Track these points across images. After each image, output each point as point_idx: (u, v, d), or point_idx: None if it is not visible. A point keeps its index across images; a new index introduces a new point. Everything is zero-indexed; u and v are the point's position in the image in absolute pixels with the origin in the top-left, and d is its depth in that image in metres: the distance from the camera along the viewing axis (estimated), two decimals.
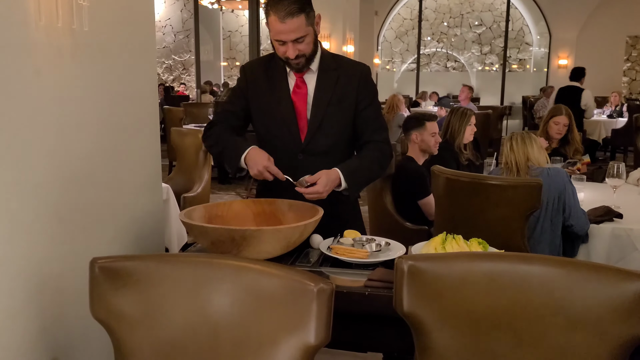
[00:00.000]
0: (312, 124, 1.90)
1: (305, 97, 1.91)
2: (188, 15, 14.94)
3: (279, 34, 1.75)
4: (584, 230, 2.59)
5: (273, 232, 1.52)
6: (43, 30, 1.36)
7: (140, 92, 1.85)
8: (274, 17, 1.72)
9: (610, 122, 8.53)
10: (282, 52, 1.80)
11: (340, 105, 1.90)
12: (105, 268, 1.24)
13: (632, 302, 1.13)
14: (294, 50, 1.78)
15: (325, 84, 1.90)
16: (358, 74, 1.93)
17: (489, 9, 14.59)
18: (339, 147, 1.95)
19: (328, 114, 1.89)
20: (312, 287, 1.13)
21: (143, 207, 1.89)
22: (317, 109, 1.89)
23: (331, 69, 1.91)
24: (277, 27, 1.74)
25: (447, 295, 1.24)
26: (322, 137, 1.90)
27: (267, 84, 1.93)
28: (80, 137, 1.54)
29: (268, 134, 1.96)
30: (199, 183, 3.95)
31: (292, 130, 1.90)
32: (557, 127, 3.74)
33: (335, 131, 1.92)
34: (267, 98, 1.93)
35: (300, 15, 1.72)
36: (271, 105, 1.92)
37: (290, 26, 1.72)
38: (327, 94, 1.89)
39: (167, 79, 15.41)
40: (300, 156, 1.91)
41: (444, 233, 1.67)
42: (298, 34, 1.75)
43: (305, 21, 1.75)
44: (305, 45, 1.79)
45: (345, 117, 1.92)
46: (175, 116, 7.40)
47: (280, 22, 1.72)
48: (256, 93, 1.95)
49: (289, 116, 1.90)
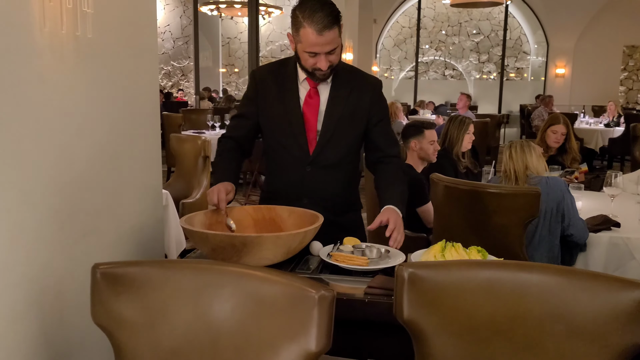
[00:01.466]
0: (323, 136, 1.87)
1: (317, 108, 1.88)
2: (187, 22, 14.99)
3: (313, 46, 1.72)
4: (583, 239, 2.60)
5: (273, 238, 1.52)
6: (47, 37, 1.37)
7: (142, 99, 1.85)
8: (309, 30, 1.69)
9: (607, 131, 8.57)
10: (312, 64, 1.77)
11: (352, 119, 1.88)
12: (107, 274, 1.24)
13: (630, 310, 1.13)
14: (326, 62, 1.75)
15: (339, 96, 1.87)
16: (371, 88, 1.92)
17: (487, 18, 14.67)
18: (347, 160, 1.94)
19: (339, 127, 1.87)
20: (313, 294, 1.13)
21: (144, 213, 1.90)
22: (329, 121, 1.87)
23: (345, 80, 1.89)
24: (312, 40, 1.70)
25: (447, 303, 1.24)
26: (331, 150, 1.88)
27: (277, 93, 1.90)
28: (82, 143, 1.54)
29: (276, 144, 1.94)
30: (197, 189, 3.96)
31: (301, 142, 1.88)
32: (555, 135, 3.75)
33: (345, 144, 1.90)
34: (277, 107, 1.90)
35: (335, 28, 1.71)
36: (280, 115, 1.89)
37: (327, 38, 1.70)
38: (340, 107, 1.87)
39: (165, 85, 15.44)
40: (308, 168, 1.89)
41: (443, 241, 1.68)
42: (333, 45, 1.73)
43: (338, 32, 1.73)
44: (335, 57, 1.78)
45: (355, 130, 1.91)
46: (174, 122, 7.40)
47: (318, 35, 1.69)
48: (265, 101, 1.92)
49: (298, 127, 1.87)
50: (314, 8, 1.68)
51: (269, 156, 2.00)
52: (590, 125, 9.14)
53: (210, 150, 4.05)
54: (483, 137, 6.78)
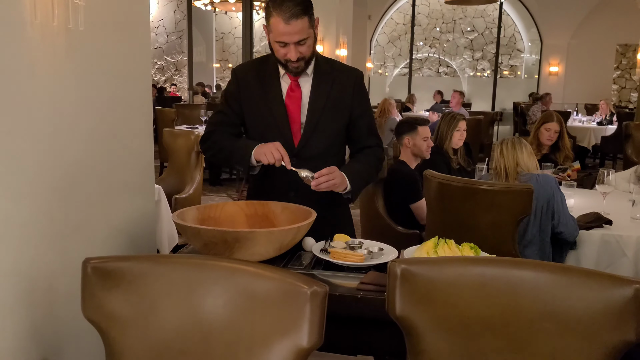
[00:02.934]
0: (307, 128, 1.89)
1: (299, 101, 1.90)
2: (181, 17, 14.91)
3: (281, 36, 1.74)
4: (573, 237, 2.61)
5: (266, 234, 1.51)
6: (38, 29, 1.35)
7: (134, 93, 1.84)
8: (277, 19, 1.71)
9: (599, 129, 8.61)
10: (283, 55, 1.79)
11: (335, 110, 1.91)
12: (98, 268, 1.23)
13: (622, 307, 1.14)
14: (296, 53, 1.77)
15: (321, 88, 1.90)
16: (353, 79, 1.94)
17: (481, 16, 14.68)
18: (332, 151, 1.95)
19: (323, 119, 1.89)
20: (305, 290, 1.13)
21: (136, 207, 1.89)
22: (312, 113, 1.89)
23: (326, 73, 1.91)
24: (280, 29, 1.72)
25: (439, 299, 1.24)
26: (315, 142, 1.90)
27: (259, 88, 1.92)
28: (74, 137, 1.53)
29: (261, 139, 1.92)
30: (190, 184, 3.95)
31: (285, 135, 1.89)
32: (548, 133, 3.76)
33: (329, 135, 1.92)
34: (259, 102, 1.91)
35: (304, 17, 1.72)
36: (263, 109, 1.91)
37: (294, 28, 1.72)
38: (322, 99, 1.89)
39: (159, 80, 15.36)
40: (293, 160, 1.89)
41: (436, 237, 1.68)
42: (301, 36, 1.74)
43: (308, 23, 1.75)
44: (306, 48, 1.79)
45: (338, 121, 1.93)
46: (167, 117, 7.37)
47: (285, 24, 1.71)
48: (248, 97, 1.94)
49: (282, 120, 1.89)
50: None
51: None
52: (583, 123, 9.19)
53: None
54: (476, 134, 6.80)
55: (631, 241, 2.57)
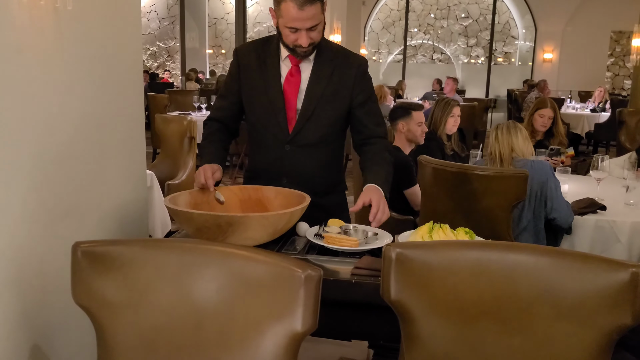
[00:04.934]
0: (302, 115, 1.85)
1: (298, 87, 1.85)
2: (173, 2, 14.74)
3: (294, 21, 1.69)
4: (567, 223, 2.61)
5: (259, 218, 1.50)
6: (25, 8, 1.32)
7: (125, 76, 1.81)
8: (290, 4, 1.66)
9: (593, 117, 8.62)
10: (293, 40, 1.74)
11: (334, 98, 1.86)
12: (88, 252, 1.21)
13: (618, 291, 1.13)
14: (307, 39, 1.73)
15: (321, 74, 1.85)
16: (356, 67, 1.88)
17: (476, 2, 14.61)
18: (327, 140, 1.91)
19: (319, 106, 1.85)
20: (299, 274, 1.11)
21: (127, 193, 1.86)
22: (309, 100, 1.84)
23: (328, 59, 1.86)
24: (293, 14, 1.68)
25: (434, 284, 1.23)
26: (310, 130, 1.86)
27: (258, 69, 1.88)
28: (63, 121, 1.50)
29: (257, 122, 1.92)
30: (183, 170, 3.92)
31: (280, 120, 1.86)
32: (542, 119, 3.76)
33: (325, 124, 1.87)
34: (258, 83, 1.88)
35: (317, 3, 1.68)
36: (261, 92, 1.87)
37: (307, 14, 1.67)
38: (321, 86, 1.84)
39: (151, 66, 15.22)
40: (287, 147, 1.87)
41: (431, 222, 1.67)
42: (313, 22, 1.70)
43: (320, 8, 1.70)
44: (317, 34, 1.75)
45: (337, 110, 1.88)
46: (160, 103, 7.31)
47: (298, 9, 1.66)
48: (247, 78, 1.90)
49: (278, 105, 1.85)
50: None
51: (251, 135, 1.98)
52: (576, 110, 9.19)
53: (196, 131, 4.00)
54: (470, 121, 6.78)
55: (625, 227, 2.57)
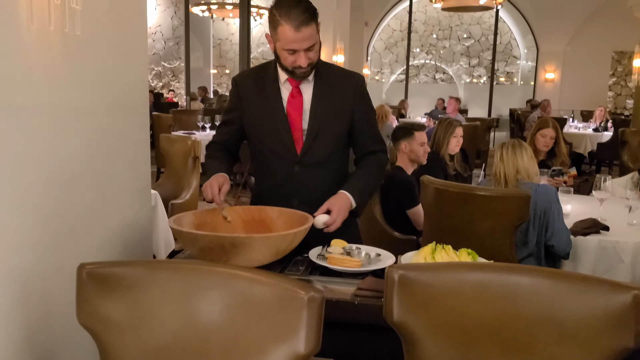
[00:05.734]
0: (309, 135, 1.87)
1: (301, 107, 1.88)
2: (179, 23, 14.92)
3: (291, 43, 1.73)
4: (564, 252, 2.58)
5: (263, 239, 1.51)
6: (35, 33, 1.35)
7: (131, 98, 1.84)
8: (286, 27, 1.70)
9: (595, 136, 8.63)
10: (292, 62, 1.77)
11: (337, 115, 1.89)
12: (93, 274, 1.22)
13: (620, 313, 1.13)
14: (306, 59, 1.76)
15: (322, 93, 1.88)
16: (354, 84, 1.92)
17: (478, 22, 14.74)
18: (335, 157, 1.94)
19: (325, 124, 1.87)
20: (302, 296, 1.12)
21: (132, 213, 1.88)
22: (314, 119, 1.87)
23: (327, 78, 1.89)
24: (290, 37, 1.71)
25: (437, 305, 1.24)
26: (318, 148, 1.88)
27: (259, 96, 1.90)
28: (70, 142, 1.52)
29: (263, 147, 1.93)
30: (187, 190, 3.93)
31: (287, 142, 1.87)
32: (544, 139, 3.77)
33: (331, 141, 1.90)
34: (260, 110, 1.90)
35: (312, 24, 1.71)
36: (264, 117, 1.89)
37: (304, 35, 1.71)
38: (324, 105, 1.87)
39: (156, 86, 15.35)
40: (296, 168, 1.89)
41: (434, 243, 1.67)
42: (311, 42, 1.74)
43: (316, 29, 1.74)
44: (314, 54, 1.78)
45: (341, 127, 1.91)
46: (164, 123, 7.36)
47: (295, 31, 1.69)
48: (249, 105, 1.92)
49: (283, 128, 1.87)
50: (290, 5, 1.70)
51: (256, 159, 1.99)
52: (579, 129, 9.20)
53: (200, 151, 4.02)
54: (473, 140, 6.80)
55: (628, 247, 2.57)
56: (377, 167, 1.96)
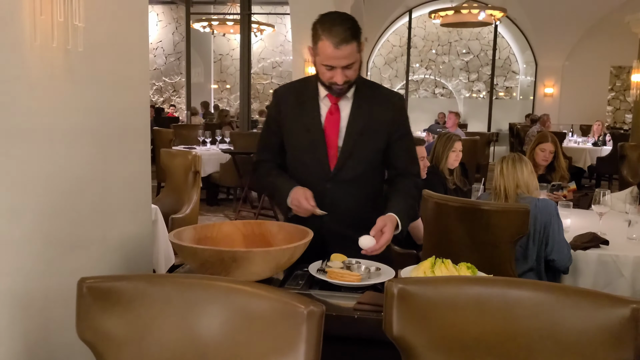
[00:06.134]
0: (343, 152, 1.86)
1: (338, 124, 1.87)
2: (180, 39, 15.03)
3: (329, 59, 1.73)
4: (565, 267, 2.58)
5: (263, 253, 1.51)
6: (38, 50, 1.37)
7: (132, 113, 1.85)
8: (326, 42, 1.70)
9: (595, 150, 8.65)
10: (329, 77, 1.78)
11: (373, 134, 1.87)
12: (94, 288, 1.22)
13: (620, 327, 1.13)
14: (342, 77, 1.76)
15: (360, 111, 1.87)
16: (393, 103, 1.91)
17: (477, 38, 14.84)
18: (367, 176, 1.92)
19: (360, 143, 1.86)
20: (302, 310, 1.12)
21: (132, 227, 1.88)
22: (349, 137, 1.86)
23: (366, 96, 1.88)
24: (329, 53, 1.72)
25: (436, 319, 1.24)
26: (351, 166, 1.87)
27: (298, 110, 1.90)
28: (71, 156, 1.53)
29: (297, 162, 1.93)
30: (187, 204, 3.93)
31: (321, 158, 1.87)
32: (543, 154, 3.78)
33: (365, 160, 1.89)
34: (298, 124, 1.90)
35: (353, 42, 1.71)
36: (301, 132, 1.89)
37: (343, 52, 1.71)
38: (361, 122, 1.86)
39: (157, 101, 15.42)
40: (329, 185, 1.88)
41: (433, 257, 1.68)
42: (349, 60, 1.74)
43: (356, 47, 1.74)
44: (352, 72, 1.78)
45: (376, 146, 1.89)
46: (165, 137, 7.38)
47: (334, 48, 1.70)
48: (287, 119, 1.92)
49: (319, 143, 1.87)
50: (333, 22, 1.71)
51: (291, 173, 1.98)
52: (578, 144, 9.23)
53: (200, 166, 4.03)
54: (472, 155, 6.82)
55: (628, 261, 2.57)
56: (415, 190, 1.93)
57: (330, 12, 1.77)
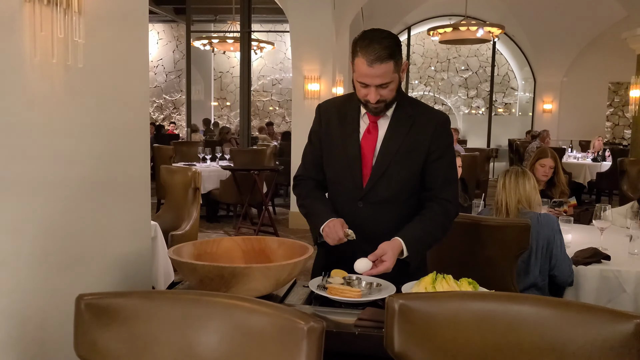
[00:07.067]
0: (375, 171, 1.84)
1: (375, 143, 1.85)
2: (180, 56, 15.13)
3: (363, 77, 1.73)
4: (567, 282, 2.57)
5: (263, 269, 1.50)
6: (38, 66, 1.37)
7: (132, 130, 1.85)
8: (361, 59, 1.70)
9: (594, 166, 8.65)
10: (363, 95, 1.77)
11: (409, 155, 1.83)
12: (92, 305, 1.21)
13: (622, 342, 1.12)
14: (376, 95, 1.75)
15: (397, 131, 1.84)
16: (434, 123, 1.86)
17: (475, 55, 14.94)
18: (401, 197, 1.87)
19: (394, 163, 1.83)
20: (302, 326, 1.11)
21: (131, 244, 1.87)
22: (383, 156, 1.84)
23: (407, 115, 1.85)
24: (363, 70, 1.71)
25: (438, 335, 1.23)
26: (383, 186, 1.84)
27: (339, 125, 1.89)
28: (71, 172, 1.53)
29: (333, 177, 1.92)
30: (187, 221, 3.92)
31: (355, 176, 1.85)
32: (543, 169, 3.78)
33: (398, 180, 1.84)
34: (337, 138, 1.89)
35: (389, 62, 1.70)
36: (339, 148, 1.88)
37: (377, 71, 1.70)
38: (397, 142, 1.83)
39: (157, 118, 15.48)
40: (360, 204, 1.86)
41: (434, 272, 1.67)
42: (383, 79, 1.72)
43: (393, 68, 1.72)
44: (388, 92, 1.77)
45: (412, 167, 1.85)
46: (165, 154, 7.40)
47: (368, 66, 1.69)
48: (328, 132, 1.92)
49: (354, 160, 1.85)
50: (371, 40, 1.70)
51: (329, 190, 1.98)
52: (578, 159, 9.24)
53: (200, 182, 4.03)
54: (472, 170, 6.82)
55: (630, 276, 2.55)
56: (441, 216, 1.86)
57: (372, 29, 1.76)
